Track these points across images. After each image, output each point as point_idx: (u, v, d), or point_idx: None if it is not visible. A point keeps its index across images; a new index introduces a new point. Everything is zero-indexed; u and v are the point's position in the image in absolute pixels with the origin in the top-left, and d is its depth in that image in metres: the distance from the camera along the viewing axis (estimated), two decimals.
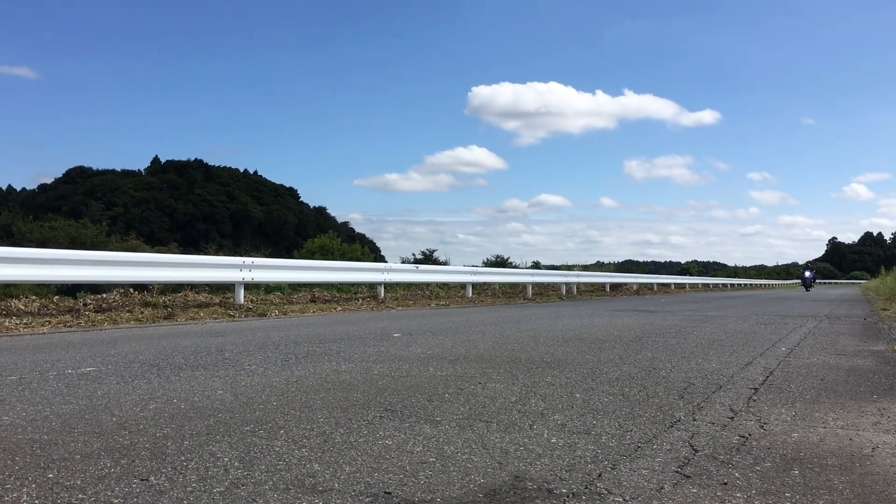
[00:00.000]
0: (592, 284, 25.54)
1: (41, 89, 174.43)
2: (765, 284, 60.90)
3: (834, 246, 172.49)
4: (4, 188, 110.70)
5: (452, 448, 2.49)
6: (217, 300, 10.81)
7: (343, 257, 27.88)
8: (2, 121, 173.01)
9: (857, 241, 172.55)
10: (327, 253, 29.28)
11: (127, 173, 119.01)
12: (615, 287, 27.02)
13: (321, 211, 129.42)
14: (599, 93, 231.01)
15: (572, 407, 3.26)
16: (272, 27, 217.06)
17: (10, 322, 7.44)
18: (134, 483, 2.06)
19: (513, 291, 19.93)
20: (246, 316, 9.49)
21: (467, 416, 3.01)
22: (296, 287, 14.23)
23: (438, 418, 2.96)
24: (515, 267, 29.12)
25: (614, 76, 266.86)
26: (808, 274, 38.41)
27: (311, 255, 28.40)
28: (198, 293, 11.34)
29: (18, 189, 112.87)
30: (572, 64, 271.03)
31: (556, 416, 3.06)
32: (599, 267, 46.19)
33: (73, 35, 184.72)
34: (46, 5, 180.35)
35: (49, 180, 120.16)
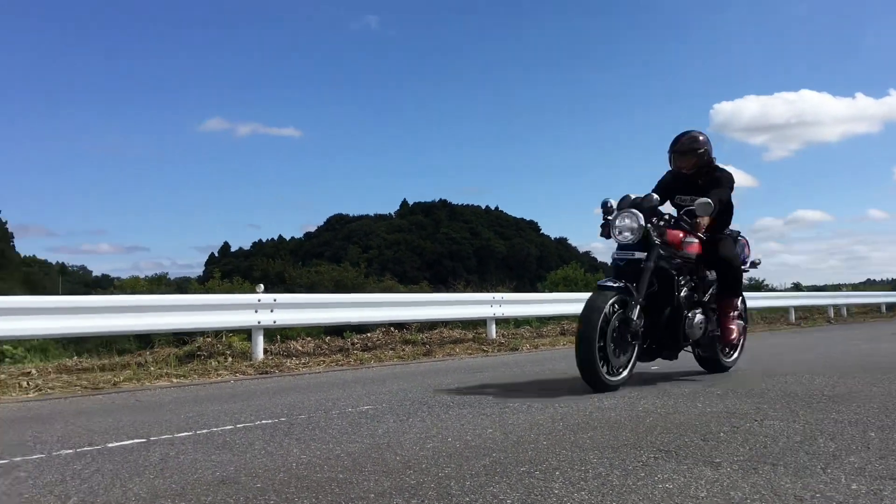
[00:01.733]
0: (864, 305, 23.12)
1: (305, 147, 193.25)
2: None
3: None
4: (276, 238, 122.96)
5: (740, 494, 2.34)
6: (470, 336, 11.15)
7: (587, 288, 27.68)
8: (274, 178, 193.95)
9: None
10: (570, 284, 29.20)
11: (379, 217, 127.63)
12: (892, 307, 24.28)
13: (562, 242, 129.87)
14: (860, 96, 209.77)
15: (868, 448, 2.95)
16: (509, 68, 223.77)
17: (290, 362, 8.18)
18: None
19: (772, 316, 18.59)
20: (499, 351, 9.69)
21: (749, 458, 2.82)
22: (543, 320, 14.33)
23: (718, 460, 2.81)
24: (773, 290, 27.18)
25: (876, 77, 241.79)
26: (749, 258, 6.27)
27: (554, 287, 28.50)
28: (451, 329, 11.80)
29: (288, 238, 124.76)
30: (825, 69, 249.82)
31: (850, 458, 2.79)
32: (870, 285, 41.79)
33: (329, 95, 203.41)
34: (306, 71, 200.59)
35: (313, 228, 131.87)
